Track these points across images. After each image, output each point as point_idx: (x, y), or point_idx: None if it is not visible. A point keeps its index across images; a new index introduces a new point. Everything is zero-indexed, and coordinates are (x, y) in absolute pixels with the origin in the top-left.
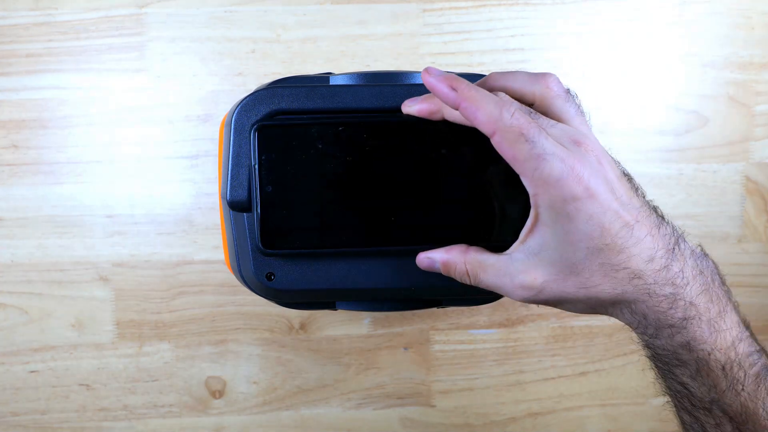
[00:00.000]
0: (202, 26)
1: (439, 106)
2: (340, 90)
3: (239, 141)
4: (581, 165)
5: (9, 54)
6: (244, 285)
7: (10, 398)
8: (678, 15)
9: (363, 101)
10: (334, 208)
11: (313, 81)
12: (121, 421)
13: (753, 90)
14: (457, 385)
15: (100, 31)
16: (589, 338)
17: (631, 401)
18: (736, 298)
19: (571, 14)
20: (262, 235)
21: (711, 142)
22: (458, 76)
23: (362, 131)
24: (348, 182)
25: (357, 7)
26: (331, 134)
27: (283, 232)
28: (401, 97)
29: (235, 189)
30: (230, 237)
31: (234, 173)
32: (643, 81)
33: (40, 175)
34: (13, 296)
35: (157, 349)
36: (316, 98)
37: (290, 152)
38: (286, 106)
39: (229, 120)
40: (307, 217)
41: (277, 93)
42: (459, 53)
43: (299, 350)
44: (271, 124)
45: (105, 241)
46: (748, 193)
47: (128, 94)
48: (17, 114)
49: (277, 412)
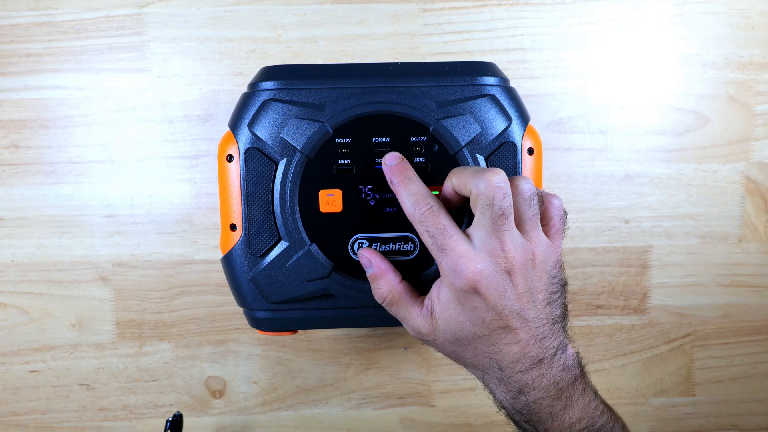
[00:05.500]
0: (202, 26)
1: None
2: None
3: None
4: (477, 266)
5: (9, 54)
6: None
7: (10, 398)
8: (678, 15)
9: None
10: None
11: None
12: (121, 421)
13: (753, 90)
14: (457, 385)
15: (101, 31)
16: (589, 338)
17: (631, 401)
18: (733, 299)
19: (571, 14)
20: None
21: (711, 142)
22: (404, 164)
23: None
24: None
25: (357, 7)
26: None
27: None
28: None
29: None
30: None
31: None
32: (643, 81)
33: (40, 174)
34: (14, 296)
35: (157, 349)
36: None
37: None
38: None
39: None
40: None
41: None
42: (459, 53)
43: (299, 350)
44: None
45: (105, 241)
46: (748, 193)
47: (128, 94)
48: (18, 114)
49: (277, 412)
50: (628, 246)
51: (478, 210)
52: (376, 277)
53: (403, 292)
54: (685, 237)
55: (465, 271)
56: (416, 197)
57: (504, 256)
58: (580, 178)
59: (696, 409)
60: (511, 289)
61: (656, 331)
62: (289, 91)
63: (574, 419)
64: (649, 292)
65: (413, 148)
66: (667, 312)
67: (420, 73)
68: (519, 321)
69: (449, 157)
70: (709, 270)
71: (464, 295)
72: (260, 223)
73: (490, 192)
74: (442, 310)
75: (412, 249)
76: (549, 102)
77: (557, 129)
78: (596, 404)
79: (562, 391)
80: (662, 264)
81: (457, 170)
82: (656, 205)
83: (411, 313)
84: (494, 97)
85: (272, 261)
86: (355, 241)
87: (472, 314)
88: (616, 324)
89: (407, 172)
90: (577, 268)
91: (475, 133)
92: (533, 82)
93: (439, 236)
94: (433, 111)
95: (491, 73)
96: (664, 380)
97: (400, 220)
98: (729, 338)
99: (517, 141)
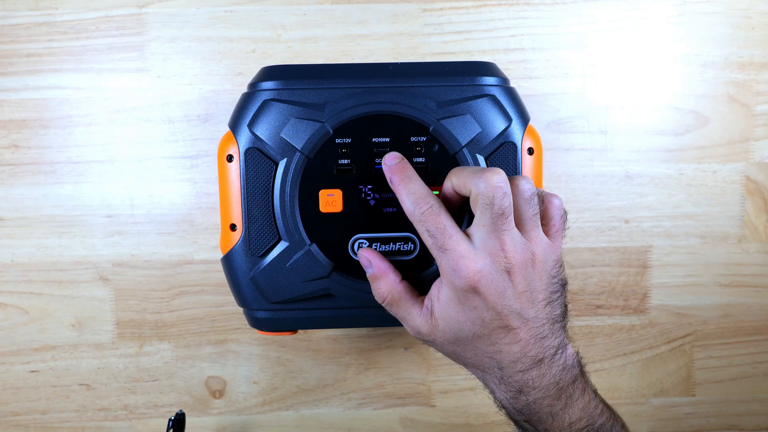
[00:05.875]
0: (202, 26)
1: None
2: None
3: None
4: (477, 266)
5: (9, 54)
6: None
7: (11, 398)
8: (678, 15)
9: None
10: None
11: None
12: (121, 421)
13: (753, 90)
14: (457, 385)
15: (101, 31)
16: (589, 338)
17: (631, 401)
18: (733, 299)
19: (571, 14)
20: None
21: (711, 142)
22: (403, 163)
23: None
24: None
25: (357, 7)
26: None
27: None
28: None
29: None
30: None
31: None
32: (643, 81)
33: (40, 175)
34: (14, 296)
35: (157, 349)
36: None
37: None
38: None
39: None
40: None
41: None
42: (459, 53)
43: (299, 350)
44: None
45: (105, 241)
46: (748, 193)
47: (128, 94)
48: (18, 114)
49: (277, 412)
50: (628, 246)
51: (478, 210)
52: (376, 277)
53: (403, 292)
54: (685, 237)
55: (465, 270)
56: (416, 196)
57: (504, 256)
58: (580, 178)
59: (696, 409)
60: (511, 288)
61: (656, 331)
62: (289, 91)
63: (574, 419)
64: (649, 292)
65: (413, 148)
66: (667, 312)
67: (420, 73)
68: (519, 320)
69: (449, 157)
70: (709, 270)
71: (464, 295)
72: (260, 223)
73: (490, 191)
74: (441, 310)
75: (412, 249)
76: (549, 102)
77: (557, 129)
78: (596, 404)
79: (562, 391)
80: (662, 264)
81: (457, 170)
82: (656, 205)
83: (411, 312)
84: (494, 97)
85: (272, 261)
86: (355, 241)
87: (471, 314)
88: (616, 324)
89: (407, 171)
90: (577, 268)
91: (475, 133)
92: (533, 82)
93: (440, 236)
94: (433, 111)
95: (491, 73)
96: (664, 380)
97: (400, 220)
98: (729, 338)
99: (517, 141)
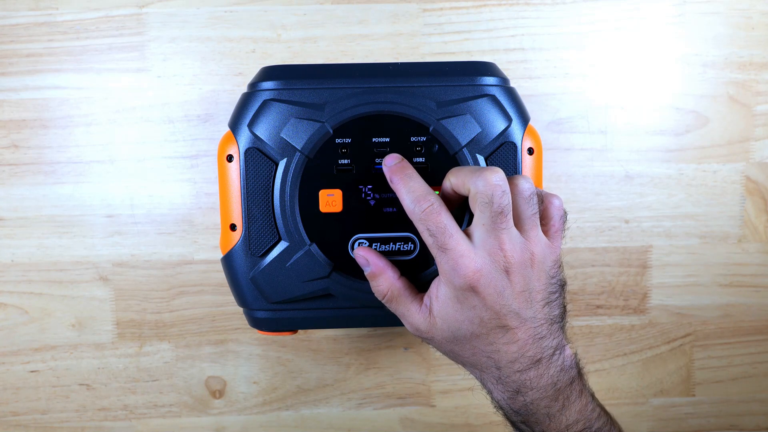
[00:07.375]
0: (202, 26)
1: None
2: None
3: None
4: (476, 265)
5: (9, 54)
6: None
7: (11, 398)
8: (678, 15)
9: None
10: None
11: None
12: (121, 421)
13: (753, 90)
14: (457, 385)
15: (101, 31)
16: (589, 338)
17: (631, 401)
18: (733, 299)
19: (571, 14)
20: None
21: (711, 142)
22: (404, 163)
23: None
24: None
25: (357, 7)
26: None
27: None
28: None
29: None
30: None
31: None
32: (643, 81)
33: (40, 174)
34: (14, 296)
35: (157, 349)
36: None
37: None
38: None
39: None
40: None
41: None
42: (459, 53)
43: (299, 350)
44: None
45: (105, 241)
46: (748, 193)
47: (128, 94)
48: (18, 114)
49: (277, 412)
50: (628, 246)
51: (477, 209)
52: (375, 275)
53: (402, 288)
54: (685, 237)
55: (464, 269)
56: (417, 194)
57: (502, 255)
58: (580, 178)
59: (696, 409)
60: (509, 288)
61: (656, 331)
62: (289, 91)
63: (571, 421)
64: (649, 292)
65: (413, 148)
66: (667, 312)
67: (420, 73)
68: (517, 320)
69: (449, 157)
70: (709, 270)
71: (463, 294)
72: (260, 223)
73: (489, 190)
74: (440, 309)
75: (412, 249)
76: (549, 102)
77: (557, 129)
78: (593, 407)
79: (560, 392)
80: (662, 264)
81: (456, 170)
82: (656, 205)
83: (410, 309)
84: (494, 97)
85: (272, 261)
86: (355, 241)
87: (470, 313)
88: (616, 324)
89: (407, 170)
90: (577, 268)
91: (475, 133)
92: (533, 82)
93: (440, 235)
94: (433, 111)
95: (491, 73)
96: (664, 380)
97: (400, 219)
98: (729, 338)
99: (517, 141)
